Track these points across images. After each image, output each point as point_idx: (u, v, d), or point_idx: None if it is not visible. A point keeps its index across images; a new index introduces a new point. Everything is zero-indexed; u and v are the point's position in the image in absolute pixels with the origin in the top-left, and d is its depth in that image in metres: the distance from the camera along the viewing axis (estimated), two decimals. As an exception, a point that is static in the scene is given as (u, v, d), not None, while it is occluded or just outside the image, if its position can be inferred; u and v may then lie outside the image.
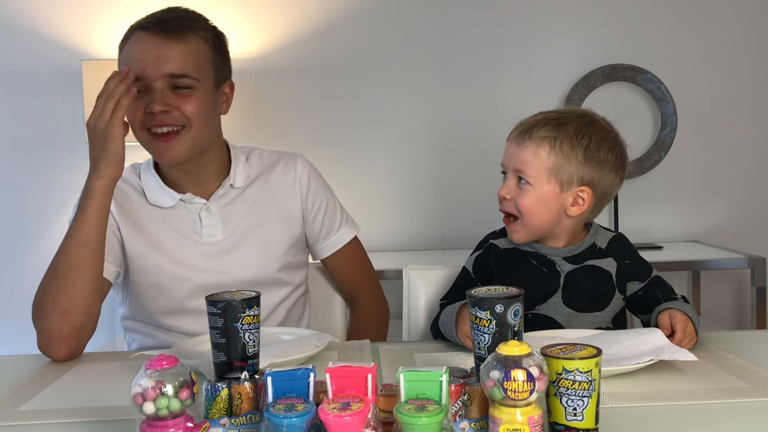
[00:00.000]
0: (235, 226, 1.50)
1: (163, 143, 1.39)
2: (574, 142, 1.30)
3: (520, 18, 2.98)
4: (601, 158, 1.32)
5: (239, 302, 0.94)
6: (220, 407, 0.87)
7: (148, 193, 1.50)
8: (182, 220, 1.49)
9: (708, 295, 3.04)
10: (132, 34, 1.42)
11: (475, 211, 2.91)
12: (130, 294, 1.52)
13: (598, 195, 1.34)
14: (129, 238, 1.47)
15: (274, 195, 1.55)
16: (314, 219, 1.59)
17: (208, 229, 1.49)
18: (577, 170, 1.31)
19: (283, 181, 1.56)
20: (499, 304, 0.88)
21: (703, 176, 3.05)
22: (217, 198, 1.50)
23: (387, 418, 0.81)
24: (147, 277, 1.47)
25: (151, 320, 1.51)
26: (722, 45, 3.01)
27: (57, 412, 1.01)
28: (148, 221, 1.48)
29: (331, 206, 1.61)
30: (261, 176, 1.56)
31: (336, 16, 2.95)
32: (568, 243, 1.38)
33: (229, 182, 1.51)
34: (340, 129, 2.99)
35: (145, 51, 1.38)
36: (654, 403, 0.98)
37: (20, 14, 2.89)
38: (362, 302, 1.68)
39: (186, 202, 1.49)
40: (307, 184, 1.57)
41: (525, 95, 2.97)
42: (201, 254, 1.48)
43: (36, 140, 2.93)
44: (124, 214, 1.47)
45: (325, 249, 1.62)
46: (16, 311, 2.94)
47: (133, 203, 1.49)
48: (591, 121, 1.34)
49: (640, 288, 1.38)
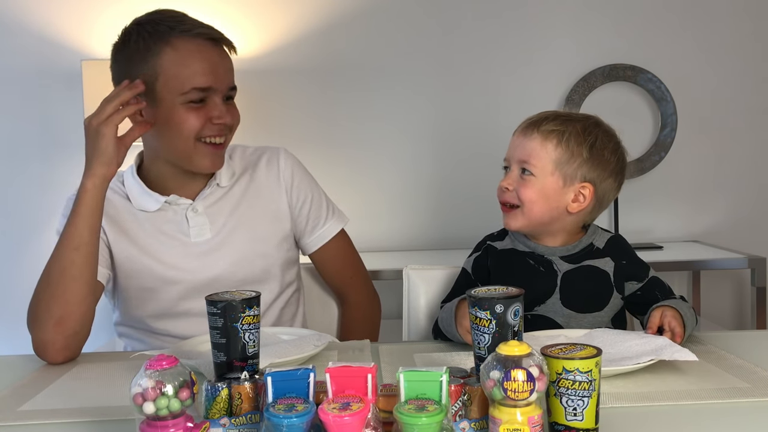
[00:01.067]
0: (222, 225, 1.50)
1: (218, 152, 1.43)
2: (580, 138, 1.33)
3: (521, 18, 2.98)
4: (604, 158, 1.34)
5: (239, 302, 0.94)
6: (220, 407, 0.87)
7: (132, 199, 1.49)
8: (169, 222, 1.48)
9: (708, 295, 3.04)
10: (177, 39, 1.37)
11: (476, 212, 2.91)
12: (120, 300, 1.51)
13: (598, 196, 1.35)
14: (116, 244, 1.46)
15: (259, 191, 1.55)
16: (300, 212, 1.57)
17: (195, 229, 1.48)
18: (581, 167, 1.33)
19: (267, 177, 1.56)
20: (499, 304, 0.88)
21: (703, 176, 3.05)
22: (203, 197, 1.50)
23: (387, 418, 0.81)
24: (136, 282, 1.47)
25: (143, 325, 1.50)
26: (722, 45, 3.01)
27: (57, 412, 1.01)
28: (134, 226, 1.47)
29: (317, 199, 1.60)
30: (245, 173, 1.55)
31: (336, 16, 2.95)
32: (565, 242, 1.39)
33: (215, 181, 1.51)
34: (341, 129, 2.99)
35: (214, 64, 1.40)
36: (654, 403, 0.98)
37: (20, 14, 2.89)
38: (352, 300, 1.67)
39: (171, 204, 1.48)
40: (291, 178, 1.57)
41: (525, 95, 2.97)
42: (190, 255, 1.48)
43: (36, 140, 2.93)
44: (110, 221, 1.46)
45: (311, 243, 1.60)
46: (16, 311, 2.93)
47: (118, 209, 1.48)
48: (597, 123, 1.38)
49: (639, 288, 1.38)
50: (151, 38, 1.38)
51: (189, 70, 1.37)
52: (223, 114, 1.40)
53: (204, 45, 1.40)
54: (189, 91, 1.37)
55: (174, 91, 1.38)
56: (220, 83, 1.40)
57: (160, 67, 1.37)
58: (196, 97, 1.38)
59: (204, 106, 1.40)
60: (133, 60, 1.39)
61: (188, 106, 1.38)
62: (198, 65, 1.38)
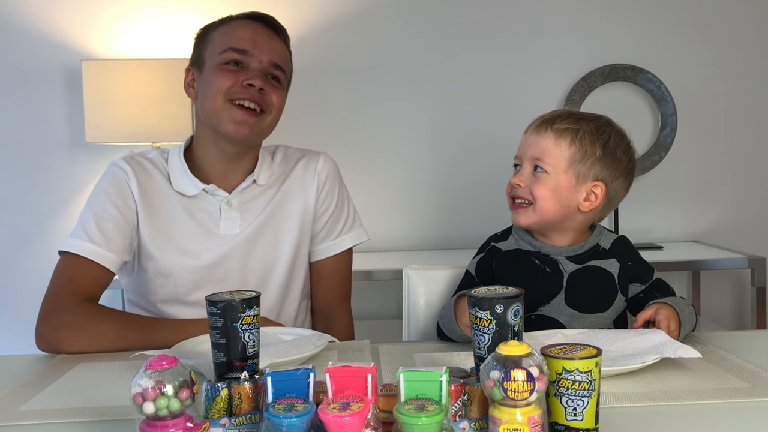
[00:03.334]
0: (250, 222, 1.52)
1: (246, 116, 1.44)
2: (594, 137, 1.33)
3: (521, 18, 2.98)
4: (617, 157, 1.35)
5: (239, 302, 0.94)
6: (220, 407, 0.87)
7: (173, 179, 1.51)
8: (202, 210, 1.50)
9: (708, 295, 3.04)
10: (231, 20, 1.50)
11: (476, 212, 2.91)
12: (136, 281, 1.52)
13: (609, 195, 1.36)
14: (144, 224, 1.48)
15: (290, 191, 1.57)
16: (320, 218, 1.59)
17: (226, 222, 1.50)
18: (594, 165, 1.33)
19: (302, 177, 1.58)
20: (499, 304, 0.88)
21: (704, 176, 3.05)
22: (239, 192, 1.52)
23: (387, 418, 0.81)
24: (154, 265, 1.48)
25: (153, 309, 1.51)
26: (722, 45, 3.01)
27: (57, 412, 1.01)
28: (168, 208, 1.49)
29: (338, 210, 1.61)
30: (283, 174, 1.58)
31: (336, 17, 2.95)
32: (572, 242, 1.39)
33: (253, 178, 1.53)
34: (341, 129, 2.99)
35: (257, 34, 1.47)
36: (654, 403, 0.98)
37: (20, 14, 2.89)
38: (336, 326, 1.62)
39: (209, 192, 1.50)
40: (324, 181, 1.59)
41: (525, 95, 2.97)
42: (214, 247, 1.49)
43: (36, 140, 2.93)
44: (146, 198, 1.48)
45: (317, 252, 1.61)
46: (16, 311, 2.94)
47: (156, 188, 1.50)
48: (609, 122, 1.38)
49: (641, 290, 1.38)
50: (218, 21, 1.52)
51: (231, 36, 1.46)
52: (255, 77, 1.43)
53: (251, 21, 1.49)
54: (226, 50, 1.44)
55: (214, 53, 1.46)
56: (259, 52, 1.45)
57: (212, 38, 1.49)
58: (232, 58, 1.44)
59: (240, 69, 1.44)
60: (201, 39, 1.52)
61: (223, 67, 1.44)
62: (240, 32, 1.46)
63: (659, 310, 1.23)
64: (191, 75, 1.53)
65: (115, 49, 2.89)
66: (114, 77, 2.59)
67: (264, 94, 1.44)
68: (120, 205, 1.46)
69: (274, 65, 1.47)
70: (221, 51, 1.45)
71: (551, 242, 1.39)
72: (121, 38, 2.89)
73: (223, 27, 1.49)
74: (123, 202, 1.47)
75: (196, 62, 1.51)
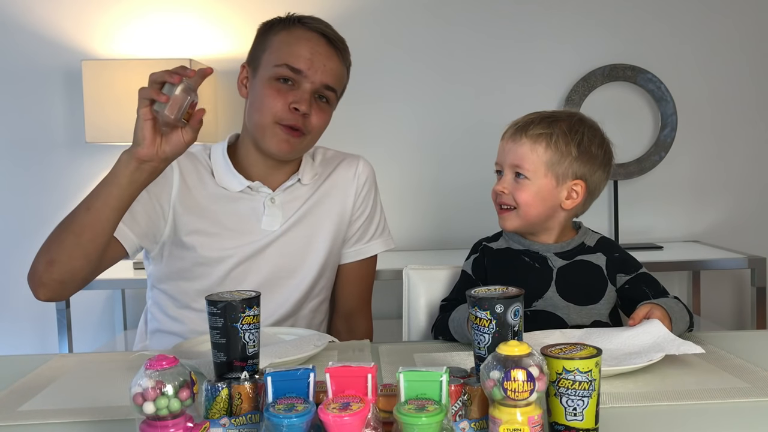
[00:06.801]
0: (290, 219, 1.53)
1: (289, 136, 1.45)
2: (568, 138, 1.37)
3: (520, 18, 2.98)
4: (592, 153, 1.39)
5: (239, 302, 0.94)
6: (220, 407, 0.87)
7: (216, 174, 1.52)
8: (244, 206, 1.52)
9: (708, 295, 3.04)
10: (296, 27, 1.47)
11: (476, 212, 2.90)
12: (168, 267, 1.52)
13: (589, 189, 1.40)
14: (183, 216, 1.48)
15: (330, 192, 1.59)
16: (355, 221, 1.62)
17: (268, 218, 1.52)
18: (572, 165, 1.37)
19: (343, 178, 1.61)
20: (499, 304, 0.88)
21: (703, 176, 3.05)
22: (283, 190, 1.54)
23: (387, 418, 0.81)
24: (192, 255, 1.49)
25: (186, 298, 1.52)
26: (722, 45, 3.01)
27: (57, 412, 1.01)
28: (209, 202, 1.50)
29: (371, 216, 1.65)
30: (323, 175, 1.60)
31: (335, 17, 2.95)
32: (559, 239, 1.43)
33: (298, 177, 1.55)
34: (340, 129, 2.98)
35: (315, 53, 1.45)
36: (654, 403, 0.98)
37: (20, 14, 2.89)
38: (359, 328, 1.67)
39: (254, 189, 1.52)
40: (363, 185, 1.62)
41: (525, 95, 2.97)
42: (252, 241, 1.50)
43: (36, 140, 2.93)
44: (187, 191, 1.49)
45: (348, 254, 1.64)
46: (16, 311, 2.94)
47: (199, 181, 1.51)
48: (581, 119, 1.42)
49: (627, 281, 1.40)
50: (281, 23, 1.50)
51: (290, 49, 1.45)
52: (302, 101, 1.43)
53: (315, 37, 1.47)
54: (281, 65, 1.44)
55: (270, 63, 1.46)
56: (313, 73, 1.45)
57: (272, 42, 1.48)
58: (285, 75, 1.44)
59: (290, 89, 1.44)
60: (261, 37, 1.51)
61: (275, 84, 1.44)
62: (300, 49, 1.45)
63: (653, 310, 1.24)
64: (245, 73, 1.53)
65: (115, 49, 2.89)
66: (114, 77, 2.59)
67: (307, 117, 1.45)
68: (157, 193, 1.47)
69: (326, 86, 1.47)
70: (276, 64, 1.45)
71: (539, 240, 1.43)
72: (121, 38, 2.89)
73: (284, 33, 1.47)
74: (161, 190, 1.47)
75: (252, 62, 1.51)
